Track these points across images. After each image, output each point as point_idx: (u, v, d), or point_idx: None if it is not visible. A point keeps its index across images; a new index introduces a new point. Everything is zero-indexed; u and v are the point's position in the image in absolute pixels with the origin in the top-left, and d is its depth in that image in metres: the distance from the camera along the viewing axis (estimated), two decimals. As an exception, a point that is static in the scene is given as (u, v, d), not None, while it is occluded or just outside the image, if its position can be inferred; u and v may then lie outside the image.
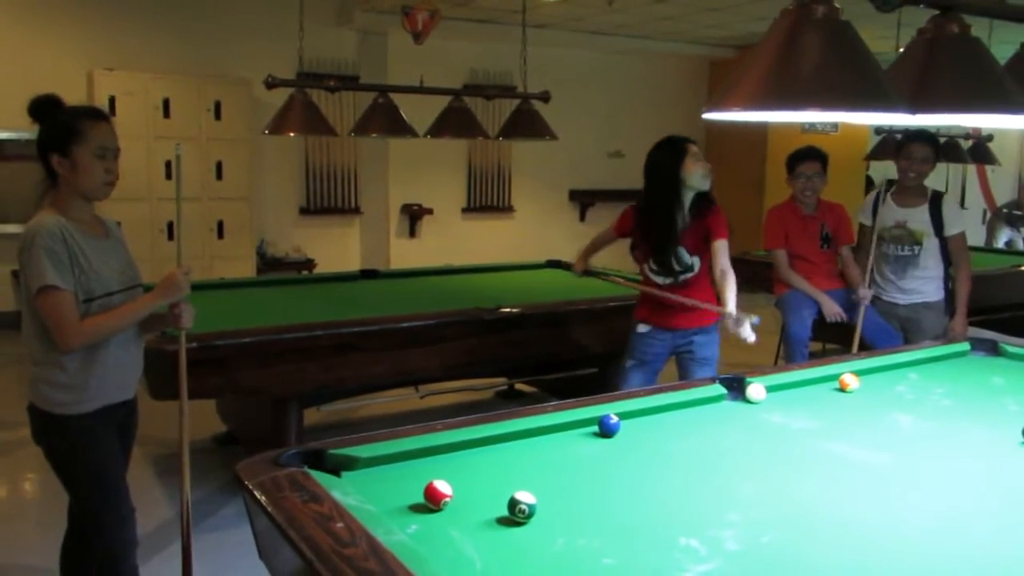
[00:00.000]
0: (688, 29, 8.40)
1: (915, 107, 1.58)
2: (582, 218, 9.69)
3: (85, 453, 2.26)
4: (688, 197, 3.32)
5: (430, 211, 8.60)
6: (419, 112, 5.29)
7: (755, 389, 2.53)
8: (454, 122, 4.72)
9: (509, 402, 5.22)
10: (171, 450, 4.12)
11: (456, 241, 8.76)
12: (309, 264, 7.76)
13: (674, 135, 3.38)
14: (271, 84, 4.16)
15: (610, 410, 2.27)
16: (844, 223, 4.20)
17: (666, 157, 3.31)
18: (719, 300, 3.20)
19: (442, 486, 1.70)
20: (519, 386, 5.20)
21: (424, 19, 4.60)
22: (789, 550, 1.57)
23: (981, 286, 5.31)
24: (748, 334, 3.01)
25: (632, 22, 8.02)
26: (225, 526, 3.41)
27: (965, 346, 3.20)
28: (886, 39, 6.10)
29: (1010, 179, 12.50)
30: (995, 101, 1.63)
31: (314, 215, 8.05)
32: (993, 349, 3.20)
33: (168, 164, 6.62)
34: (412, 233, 8.64)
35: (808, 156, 4.24)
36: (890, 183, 4.22)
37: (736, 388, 2.57)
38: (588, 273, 3.82)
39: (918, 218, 4.04)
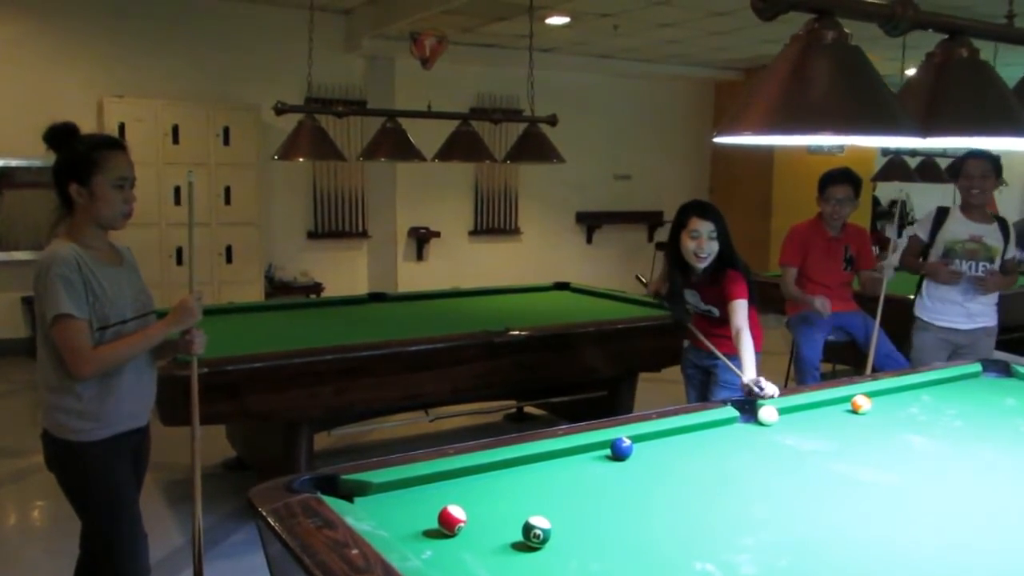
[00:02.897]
0: (693, 52, 8.46)
1: (925, 131, 1.59)
2: (589, 240, 9.72)
3: (99, 480, 2.27)
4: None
5: (437, 234, 8.64)
6: (427, 136, 5.34)
7: (767, 411, 2.52)
8: (462, 146, 4.75)
9: (518, 425, 5.21)
10: (181, 476, 4.12)
11: (463, 264, 8.79)
12: (317, 288, 7.78)
13: (694, 201, 3.31)
14: (280, 110, 4.20)
15: (622, 433, 2.27)
16: (867, 248, 4.19)
17: (673, 222, 3.30)
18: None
19: (456, 511, 1.70)
20: (528, 409, 5.19)
21: (432, 45, 4.63)
22: (806, 575, 1.57)
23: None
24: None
25: (638, 45, 8.08)
26: (236, 552, 3.40)
27: (977, 367, 3.19)
28: (892, 61, 6.14)
29: (1016, 199, 12.49)
30: (1004, 125, 1.64)
31: (322, 239, 8.09)
32: (1005, 370, 3.19)
33: (177, 189, 6.67)
34: (420, 256, 8.67)
35: (840, 179, 4.15)
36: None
37: (748, 410, 2.57)
38: (658, 295, 3.67)
39: (994, 236, 3.92)
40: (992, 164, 3.89)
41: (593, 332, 4.11)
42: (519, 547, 1.65)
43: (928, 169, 6.80)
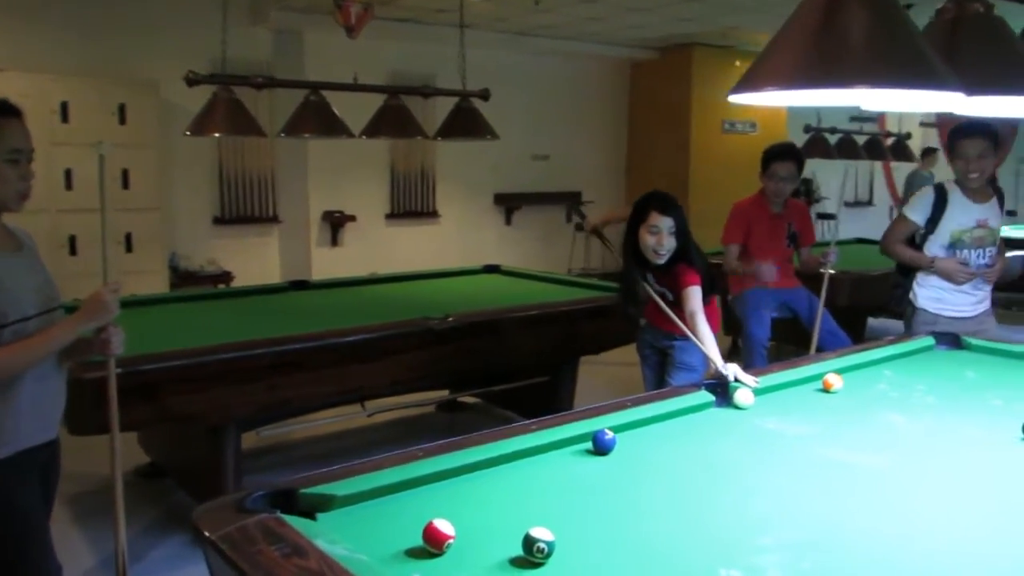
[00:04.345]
0: (612, 30, 8.36)
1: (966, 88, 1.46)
2: (508, 222, 9.53)
3: (0, 508, 1.93)
4: None
5: (353, 218, 8.27)
6: (346, 113, 5.00)
7: (743, 394, 2.40)
8: (391, 121, 4.45)
9: (452, 415, 5.00)
10: (88, 487, 3.73)
11: (380, 249, 8.46)
12: (226, 277, 7.31)
13: (655, 194, 3.12)
14: (192, 81, 3.81)
15: (597, 424, 2.11)
16: (809, 224, 4.15)
17: (633, 213, 3.14)
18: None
19: (443, 526, 1.49)
20: (463, 398, 4.98)
21: (358, 12, 4.31)
22: (840, 572, 1.43)
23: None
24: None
25: (557, 23, 7.91)
26: (159, 570, 3.06)
27: (930, 340, 3.18)
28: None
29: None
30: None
31: (229, 225, 7.61)
32: (956, 343, 3.19)
33: (68, 172, 6.11)
34: (334, 242, 8.29)
35: (785, 156, 4.02)
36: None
37: (721, 393, 2.45)
38: (596, 232, 3.65)
39: (995, 214, 3.50)
40: (990, 141, 3.36)
41: (536, 315, 3.93)
42: (520, 563, 1.45)
43: (847, 146, 6.91)
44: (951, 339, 3.21)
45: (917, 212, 3.54)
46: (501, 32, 8.28)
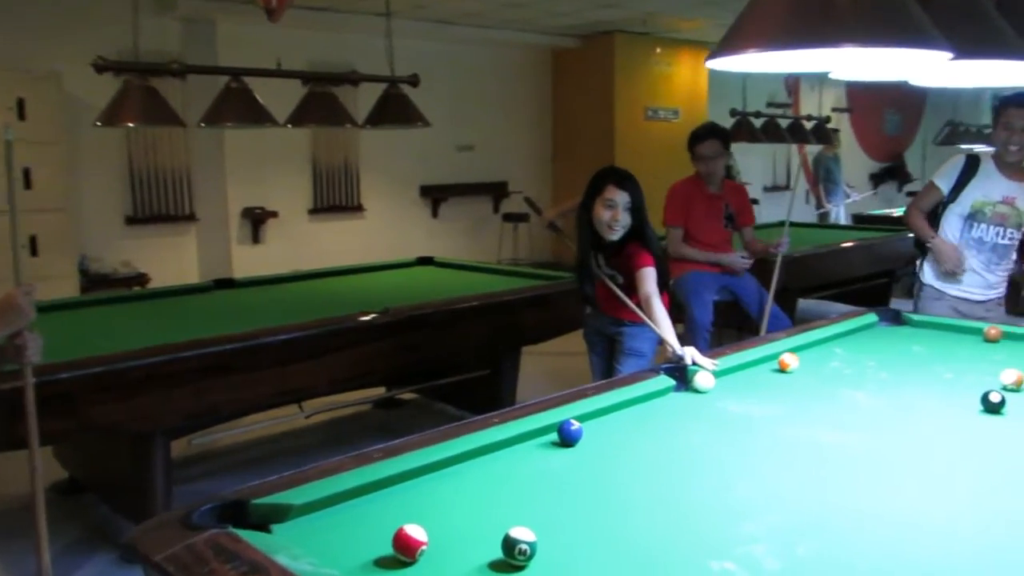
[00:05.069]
0: (533, 17, 8.29)
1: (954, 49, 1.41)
2: (435, 214, 9.39)
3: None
4: None
5: (274, 214, 7.99)
6: (266, 104, 4.76)
7: (703, 377, 2.35)
8: (317, 109, 4.25)
9: (389, 412, 4.85)
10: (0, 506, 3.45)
11: (305, 245, 8.20)
12: (141, 279, 6.95)
13: (612, 168, 3.10)
14: (101, 67, 3.53)
15: (557, 415, 2.02)
16: (747, 204, 4.15)
17: (589, 185, 3.08)
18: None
19: (414, 531, 1.37)
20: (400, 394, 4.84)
21: (278, -6, 4.11)
22: (835, 558, 1.38)
23: (826, 262, 5.54)
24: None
25: (478, 10, 7.79)
26: (83, 594, 2.84)
27: (873, 317, 3.20)
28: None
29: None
30: (997, 46, 1.51)
31: (143, 224, 7.24)
32: (897, 319, 3.23)
33: (-38, 172, 5.67)
34: (256, 239, 7.99)
35: (706, 135, 4.04)
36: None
37: (680, 377, 2.39)
38: (552, 226, 3.56)
39: None
40: None
41: (477, 306, 3.82)
42: (500, 567, 1.35)
43: (771, 130, 7.04)
44: (892, 315, 3.24)
45: (943, 179, 3.42)
46: (421, 20, 8.11)
